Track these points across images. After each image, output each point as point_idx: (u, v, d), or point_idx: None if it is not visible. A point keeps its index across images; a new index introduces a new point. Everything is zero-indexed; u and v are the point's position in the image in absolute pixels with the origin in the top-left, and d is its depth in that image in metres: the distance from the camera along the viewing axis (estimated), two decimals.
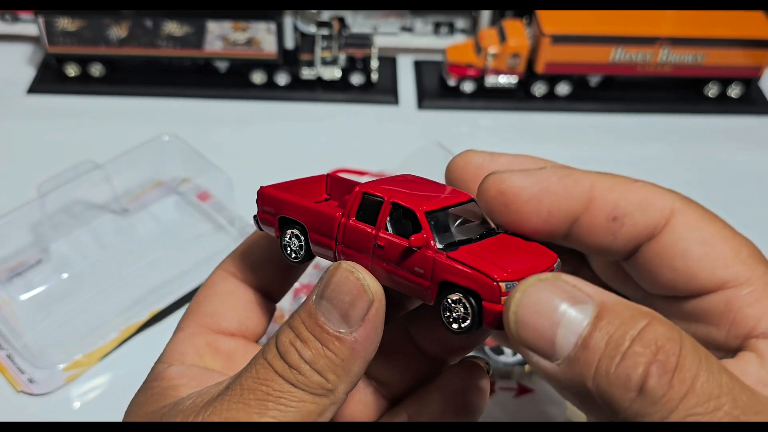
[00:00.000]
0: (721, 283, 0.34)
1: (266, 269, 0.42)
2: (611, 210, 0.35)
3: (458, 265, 0.33)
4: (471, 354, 0.42)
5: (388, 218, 0.35)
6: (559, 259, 0.35)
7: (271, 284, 0.42)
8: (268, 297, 0.43)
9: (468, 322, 0.33)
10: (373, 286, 0.34)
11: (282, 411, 0.33)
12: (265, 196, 0.40)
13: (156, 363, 0.40)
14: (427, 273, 0.34)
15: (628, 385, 0.27)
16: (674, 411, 0.27)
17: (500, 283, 0.32)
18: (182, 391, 0.37)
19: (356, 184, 0.39)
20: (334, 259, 0.37)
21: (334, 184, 0.43)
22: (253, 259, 0.42)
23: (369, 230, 0.35)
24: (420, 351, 0.41)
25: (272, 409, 0.33)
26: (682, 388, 0.27)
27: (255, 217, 0.40)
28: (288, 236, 0.38)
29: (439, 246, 0.34)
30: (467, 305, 0.33)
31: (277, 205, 0.39)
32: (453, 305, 0.33)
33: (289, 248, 0.39)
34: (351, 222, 0.36)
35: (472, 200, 0.37)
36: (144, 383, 0.39)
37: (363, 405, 0.42)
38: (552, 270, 0.34)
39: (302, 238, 0.38)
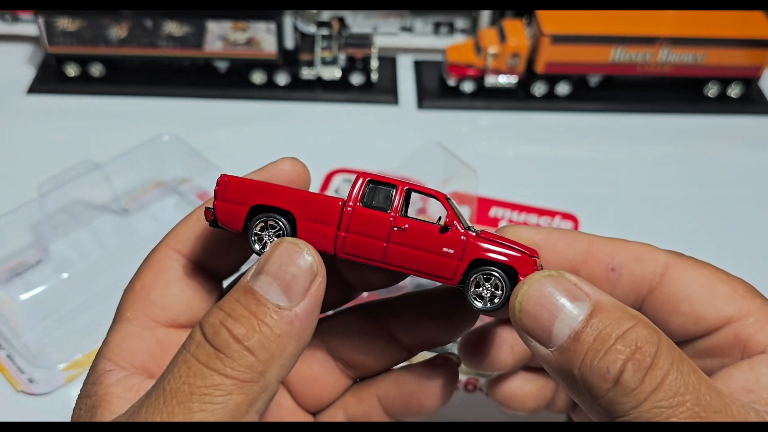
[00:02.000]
0: (727, 319, 0.37)
1: (218, 247, 0.39)
2: (609, 261, 0.39)
3: (494, 244, 0.35)
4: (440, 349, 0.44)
5: (402, 204, 0.36)
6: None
7: (222, 263, 0.40)
8: (216, 276, 0.40)
9: (498, 300, 0.35)
10: (317, 260, 0.34)
11: (208, 410, 0.30)
12: (231, 183, 0.36)
13: (99, 358, 0.37)
14: (457, 253, 0.35)
15: (606, 377, 0.31)
16: (643, 402, 0.30)
17: (536, 258, 0.35)
18: (115, 404, 0.34)
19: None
20: (333, 248, 0.36)
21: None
22: (204, 238, 0.39)
23: (384, 215, 0.36)
24: (395, 341, 0.43)
25: (197, 410, 0.30)
26: (652, 383, 0.30)
27: (210, 210, 0.37)
28: (259, 227, 0.36)
29: (466, 227, 0.36)
30: (500, 283, 0.35)
31: (251, 193, 0.36)
32: (484, 283, 0.35)
33: (263, 239, 0.36)
34: (359, 207, 0.36)
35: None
36: (85, 383, 0.36)
37: (327, 383, 0.43)
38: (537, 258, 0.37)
39: (279, 226, 0.36)
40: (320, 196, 0.37)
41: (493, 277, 0.35)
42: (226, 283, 0.42)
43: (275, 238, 0.36)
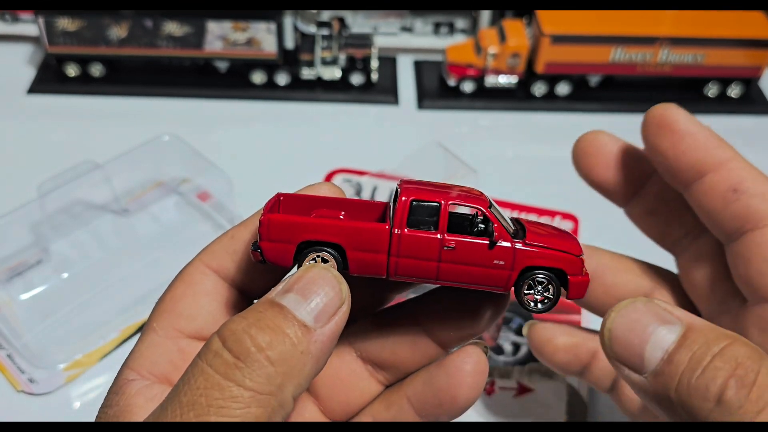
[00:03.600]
0: None
1: (250, 267, 0.39)
2: (736, 181, 0.38)
3: (542, 249, 0.36)
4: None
5: (447, 221, 0.36)
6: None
7: (254, 282, 0.39)
8: (246, 295, 0.40)
9: (548, 301, 0.36)
10: (346, 288, 0.34)
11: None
12: (275, 224, 0.36)
13: (123, 367, 0.37)
14: (507, 264, 0.36)
15: (706, 396, 0.29)
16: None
17: (581, 257, 0.36)
18: (137, 414, 0.34)
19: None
20: (386, 275, 0.36)
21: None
22: (237, 256, 0.38)
23: (433, 236, 0.36)
24: (426, 337, 0.41)
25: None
26: (759, 402, 0.29)
27: (256, 246, 0.37)
28: (310, 261, 0.36)
29: (512, 234, 0.36)
30: (549, 285, 0.36)
31: (296, 231, 0.36)
32: (535, 287, 0.36)
33: None
34: (407, 232, 0.36)
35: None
36: (108, 393, 0.36)
37: (356, 388, 0.42)
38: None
39: (330, 258, 0.36)
40: (364, 224, 0.36)
41: (544, 281, 0.36)
42: None
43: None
